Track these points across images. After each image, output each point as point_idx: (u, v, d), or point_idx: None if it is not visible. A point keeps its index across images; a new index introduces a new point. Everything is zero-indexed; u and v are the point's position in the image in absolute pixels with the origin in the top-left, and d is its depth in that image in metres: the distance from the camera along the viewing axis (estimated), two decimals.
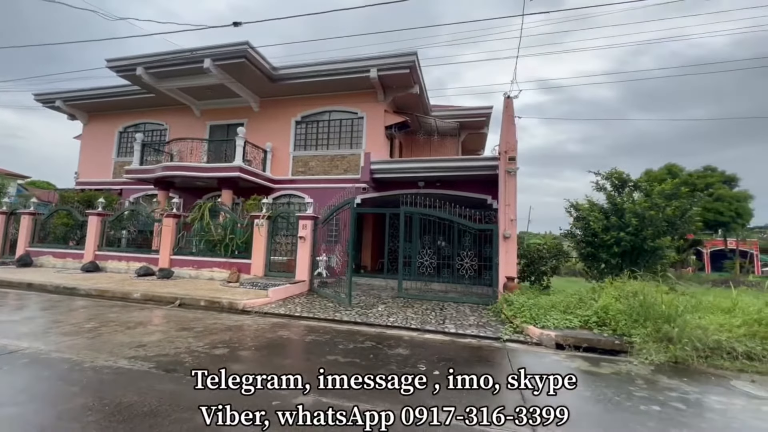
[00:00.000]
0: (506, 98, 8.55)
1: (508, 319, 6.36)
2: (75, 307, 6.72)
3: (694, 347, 4.73)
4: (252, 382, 3.41)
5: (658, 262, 8.39)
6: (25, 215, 12.09)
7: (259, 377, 3.54)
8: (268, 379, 3.50)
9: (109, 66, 12.11)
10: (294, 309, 7.08)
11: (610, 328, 5.63)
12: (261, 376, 3.56)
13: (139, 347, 4.38)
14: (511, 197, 8.19)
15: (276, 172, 13.32)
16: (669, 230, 8.65)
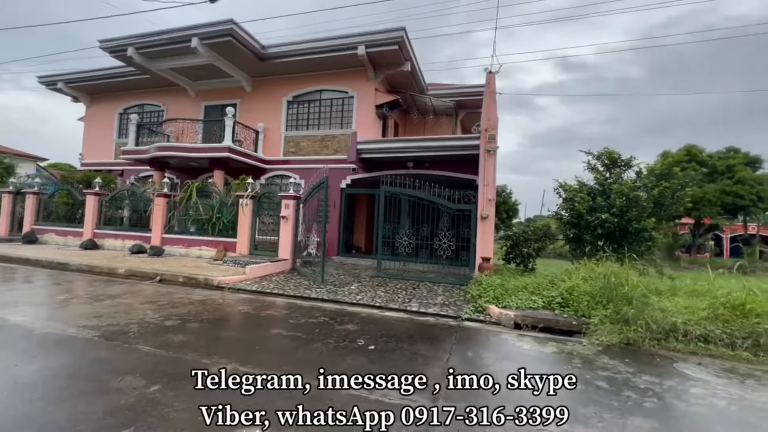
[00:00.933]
0: (488, 73, 8.24)
1: (474, 299, 6.33)
2: (60, 281, 7.05)
3: (649, 329, 4.63)
4: (181, 352, 3.53)
5: (643, 245, 8.12)
6: (30, 195, 12.61)
7: (192, 347, 3.67)
8: (201, 349, 3.63)
9: (102, 47, 12.23)
10: (267, 286, 7.23)
11: (572, 309, 5.54)
12: (196, 346, 3.69)
13: (96, 317, 4.59)
14: (490, 177, 8.00)
15: (268, 152, 13.38)
16: (657, 212, 8.34)
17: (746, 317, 4.72)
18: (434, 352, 3.96)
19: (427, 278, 8.36)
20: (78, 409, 2.42)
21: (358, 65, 12.14)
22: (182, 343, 3.82)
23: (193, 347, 3.69)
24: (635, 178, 8.65)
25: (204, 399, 2.64)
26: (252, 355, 3.59)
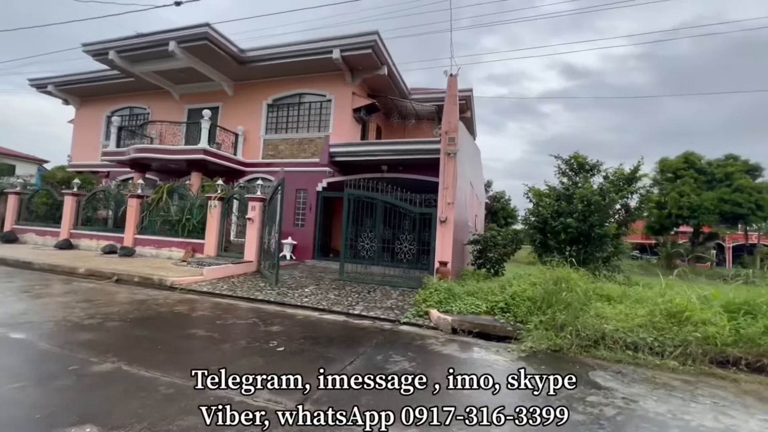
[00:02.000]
0: (450, 76, 8.19)
1: (418, 303, 6.23)
2: (13, 279, 7.10)
3: (578, 335, 4.50)
4: (76, 351, 3.50)
5: (607, 250, 7.96)
6: (12, 195, 12.81)
7: (91, 346, 3.64)
8: (99, 348, 3.60)
9: (85, 50, 12.46)
10: (220, 287, 7.21)
11: (512, 315, 5.42)
12: (96, 345, 3.66)
13: (21, 314, 4.59)
14: (450, 180, 7.92)
15: (248, 155, 13.44)
16: (623, 217, 8.19)
17: (682, 325, 4.57)
18: (342, 355, 3.88)
19: (386, 282, 8.27)
20: None
21: (336, 69, 12.18)
22: (86, 341, 3.79)
23: (92, 346, 3.66)
24: (602, 182, 8.50)
25: (53, 397, 2.60)
26: (147, 355, 3.55)
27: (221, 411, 2.48)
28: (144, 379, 2.99)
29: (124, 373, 3.08)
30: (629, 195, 8.25)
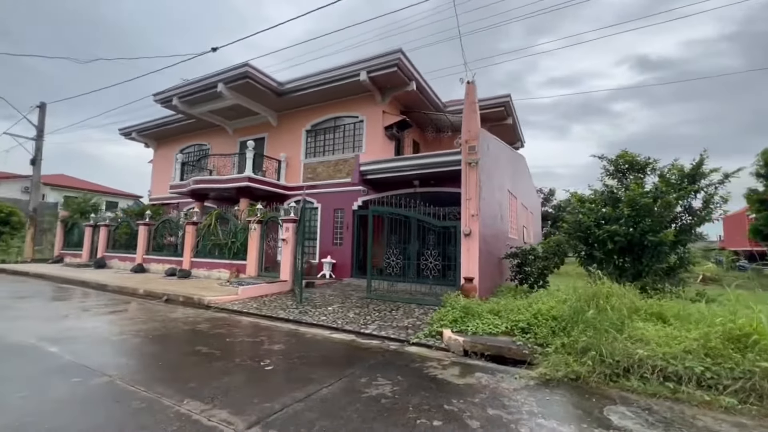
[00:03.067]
0: (467, 84, 7.88)
1: (432, 323, 5.87)
2: (84, 300, 8.20)
3: (602, 362, 3.82)
4: (80, 358, 3.87)
5: (664, 261, 6.80)
6: (103, 227, 15.04)
7: (96, 356, 4.00)
8: (104, 358, 3.94)
9: (155, 99, 14.46)
10: (249, 306, 7.55)
11: (533, 336, 4.82)
12: (102, 356, 4.02)
13: (67, 330, 5.25)
14: (473, 190, 7.49)
15: (290, 179, 14.23)
16: (688, 221, 6.99)
17: (746, 352, 3.65)
18: (326, 376, 3.75)
19: (412, 299, 7.96)
20: None
21: (365, 90, 12.51)
22: (101, 355, 4.19)
23: (103, 361, 4.02)
24: (655, 182, 7.39)
25: (36, 405, 2.86)
26: (144, 370, 3.79)
27: (174, 428, 2.52)
28: (125, 393, 3.17)
29: (112, 387, 3.30)
30: (693, 194, 7.03)
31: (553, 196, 33.45)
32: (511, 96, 14.13)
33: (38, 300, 7.90)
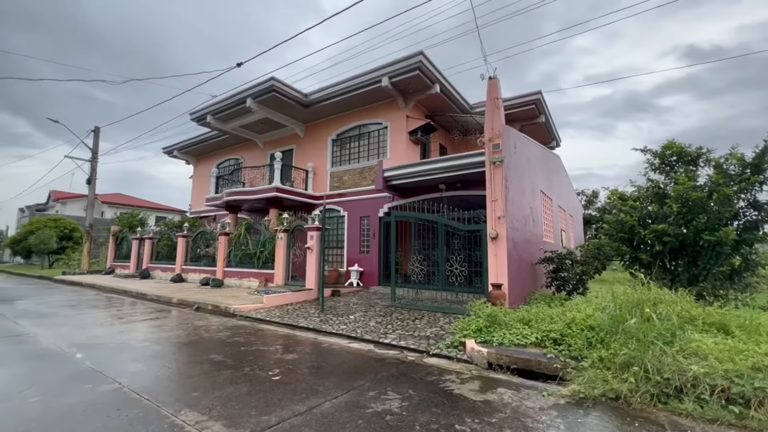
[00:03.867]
0: (488, 79, 7.49)
1: (454, 332, 5.47)
2: (121, 308, 8.61)
3: (647, 379, 3.29)
4: (96, 363, 3.93)
5: (724, 264, 5.94)
6: (147, 240, 16.00)
7: (111, 362, 4.05)
8: (129, 369, 3.98)
9: (191, 118, 15.30)
10: (272, 314, 7.54)
11: (567, 348, 4.32)
12: (117, 362, 4.08)
13: (97, 337, 5.45)
14: (498, 191, 7.04)
15: (317, 188, 14.38)
16: (754, 217, 6.11)
17: None
18: (333, 388, 3.53)
19: (438, 308, 7.56)
20: None
21: (388, 96, 12.43)
22: (121, 362, 4.25)
23: (121, 367, 4.07)
24: (710, 174, 6.56)
25: (37, 409, 2.87)
26: (155, 378, 3.77)
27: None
28: (129, 400, 3.14)
29: (119, 394, 3.29)
30: (758, 186, 6.13)
31: (597, 199, 31.39)
32: (541, 93, 13.43)
33: (82, 308, 8.39)
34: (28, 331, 5.79)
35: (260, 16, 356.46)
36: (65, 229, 25.28)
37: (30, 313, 7.51)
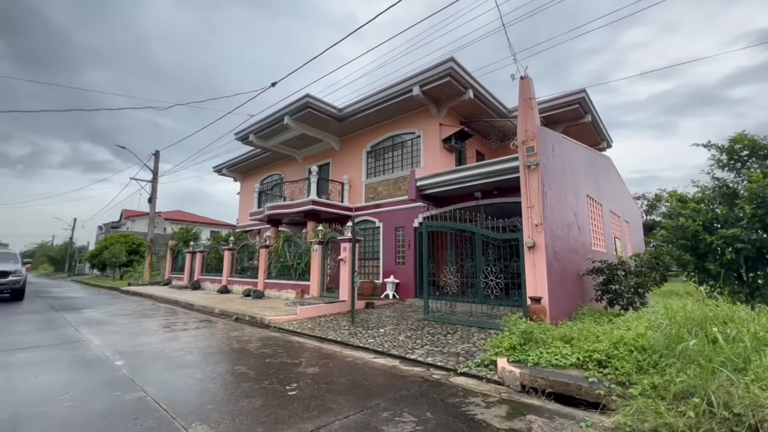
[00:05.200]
0: (520, 79, 7.07)
1: (486, 350, 5.07)
2: (169, 317, 9.15)
3: (711, 414, 2.74)
4: (138, 377, 4.11)
5: None
6: (198, 253, 17.09)
7: (139, 368, 4.22)
8: (158, 378, 4.13)
9: (236, 138, 16.28)
10: (304, 326, 7.58)
11: (613, 371, 3.79)
12: (144, 369, 4.24)
13: (140, 345, 5.79)
14: (535, 197, 6.55)
15: (353, 200, 14.52)
16: None
17: None
18: (346, 406, 3.37)
19: (473, 322, 7.13)
20: None
21: (421, 105, 12.33)
22: (155, 370, 4.43)
23: (153, 376, 4.24)
24: None
25: (75, 410, 3.01)
26: (177, 388, 3.85)
27: None
28: (147, 410, 3.21)
29: (140, 403, 3.39)
30: None
31: (660, 203, 28.52)
32: (586, 91, 12.55)
33: (135, 317, 9.04)
34: (84, 338, 6.30)
35: (301, 41, 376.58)
36: (133, 244, 27.89)
37: (91, 321, 8.21)
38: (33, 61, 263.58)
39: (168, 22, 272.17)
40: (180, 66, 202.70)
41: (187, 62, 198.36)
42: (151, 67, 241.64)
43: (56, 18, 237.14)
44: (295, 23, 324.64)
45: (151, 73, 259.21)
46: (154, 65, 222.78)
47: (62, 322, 8.03)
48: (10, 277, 11.53)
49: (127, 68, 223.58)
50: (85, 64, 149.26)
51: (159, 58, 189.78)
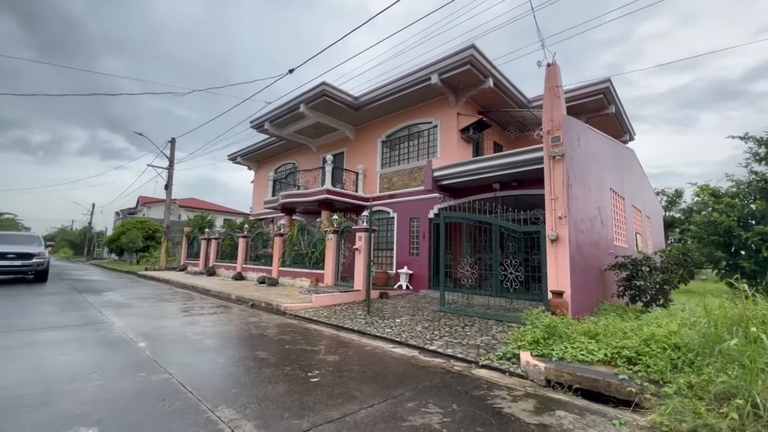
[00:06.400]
0: (546, 66, 6.81)
1: (507, 342, 4.98)
2: (187, 302, 9.29)
3: (756, 416, 2.61)
4: (149, 350, 4.15)
5: None
6: (213, 240, 17.30)
7: (162, 350, 4.27)
8: (180, 360, 4.18)
9: (251, 126, 16.29)
10: (320, 314, 7.59)
11: (644, 369, 3.67)
12: (166, 351, 4.28)
13: (162, 328, 5.87)
14: (559, 188, 6.36)
15: (367, 190, 14.43)
16: None
17: None
18: (371, 395, 3.33)
19: (491, 315, 7.03)
20: None
21: (439, 94, 12.09)
22: (177, 353, 4.48)
23: (174, 358, 4.28)
24: None
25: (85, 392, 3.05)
26: (201, 372, 3.88)
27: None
28: (173, 392, 3.23)
29: (166, 385, 3.41)
30: None
31: (681, 199, 27.61)
32: (611, 80, 12.11)
33: (153, 301, 9.21)
34: (107, 320, 6.43)
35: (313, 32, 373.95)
36: (149, 230, 28.44)
37: (112, 304, 8.39)
38: (52, 50, 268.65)
39: (179, 12, 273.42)
40: (192, 58, 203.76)
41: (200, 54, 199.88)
42: (163, 57, 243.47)
43: (73, 7, 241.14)
44: (306, 13, 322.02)
45: (163, 63, 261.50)
46: (166, 55, 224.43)
47: (85, 304, 8.22)
48: (35, 259, 11.85)
49: (141, 58, 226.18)
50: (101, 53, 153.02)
51: (171, 49, 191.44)
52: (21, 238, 13.18)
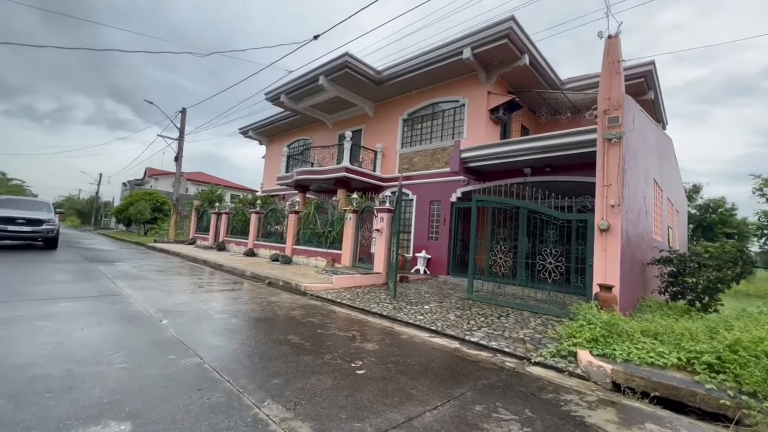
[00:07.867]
0: (607, 38, 6.15)
1: (560, 339, 4.59)
2: (201, 276, 8.98)
3: None
4: (173, 332, 3.79)
5: None
6: (224, 215, 16.95)
7: (190, 333, 3.91)
8: (210, 341, 3.82)
9: (265, 98, 15.62)
10: (342, 296, 7.24)
11: (732, 378, 3.26)
12: (194, 333, 3.93)
13: (180, 304, 5.53)
14: (614, 174, 5.82)
15: (385, 170, 13.90)
16: None
17: None
18: (430, 394, 2.96)
19: (525, 306, 6.65)
20: None
21: (469, 71, 11.40)
22: (204, 334, 4.13)
23: (202, 339, 3.93)
24: None
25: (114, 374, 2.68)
26: (234, 355, 3.52)
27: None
28: (210, 380, 2.87)
29: (199, 371, 3.05)
30: None
31: (698, 194, 26.81)
32: (654, 64, 11.33)
33: (168, 274, 8.90)
34: (123, 292, 6.10)
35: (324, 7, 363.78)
36: (157, 202, 28.17)
37: (126, 275, 8.08)
38: (57, 18, 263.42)
39: None
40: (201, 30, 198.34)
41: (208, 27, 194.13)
42: (169, 29, 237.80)
43: None
44: None
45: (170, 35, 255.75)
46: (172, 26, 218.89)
47: (98, 274, 7.92)
48: (44, 225, 11.55)
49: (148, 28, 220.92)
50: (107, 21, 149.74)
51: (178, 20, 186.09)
52: (31, 204, 12.87)
